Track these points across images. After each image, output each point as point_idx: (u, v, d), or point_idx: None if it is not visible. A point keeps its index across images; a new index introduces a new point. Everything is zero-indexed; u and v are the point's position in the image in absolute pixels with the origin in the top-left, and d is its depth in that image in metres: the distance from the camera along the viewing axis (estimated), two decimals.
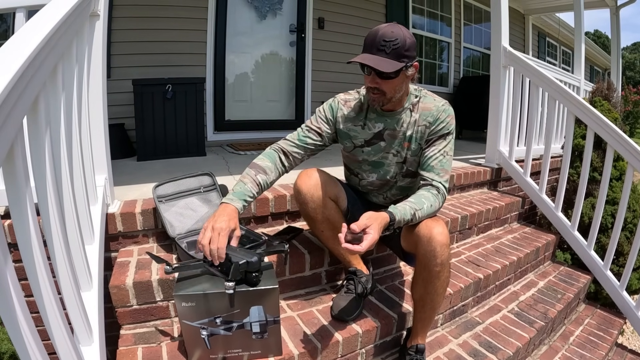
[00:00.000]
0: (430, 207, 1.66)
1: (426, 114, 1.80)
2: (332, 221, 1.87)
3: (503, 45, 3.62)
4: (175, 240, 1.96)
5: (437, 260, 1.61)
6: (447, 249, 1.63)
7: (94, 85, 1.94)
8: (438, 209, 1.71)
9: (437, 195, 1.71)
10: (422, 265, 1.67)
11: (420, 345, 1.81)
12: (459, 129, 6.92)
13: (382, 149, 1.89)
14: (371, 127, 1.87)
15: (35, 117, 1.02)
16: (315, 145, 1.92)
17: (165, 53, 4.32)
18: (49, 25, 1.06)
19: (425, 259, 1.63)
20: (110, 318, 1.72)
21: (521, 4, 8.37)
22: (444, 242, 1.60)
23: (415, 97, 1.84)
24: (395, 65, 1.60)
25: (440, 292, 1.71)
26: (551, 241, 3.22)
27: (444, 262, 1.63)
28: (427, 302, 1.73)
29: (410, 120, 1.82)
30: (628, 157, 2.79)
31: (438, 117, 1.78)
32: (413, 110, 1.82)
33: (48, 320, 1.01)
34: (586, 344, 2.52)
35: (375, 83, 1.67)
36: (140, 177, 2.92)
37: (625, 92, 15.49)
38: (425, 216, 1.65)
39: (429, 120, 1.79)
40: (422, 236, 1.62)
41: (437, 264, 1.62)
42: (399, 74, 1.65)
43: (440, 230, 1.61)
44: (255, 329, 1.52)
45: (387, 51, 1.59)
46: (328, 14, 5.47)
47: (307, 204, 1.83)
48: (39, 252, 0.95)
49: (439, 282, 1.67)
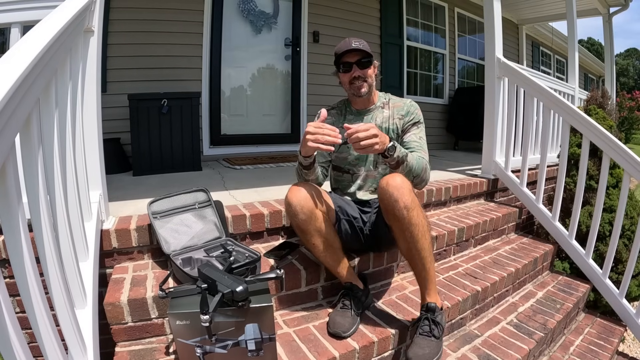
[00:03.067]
0: (420, 159, 1.92)
1: (398, 109, 2.16)
2: (323, 233, 1.89)
3: (497, 56, 3.65)
4: (170, 257, 1.94)
5: (400, 204, 1.71)
6: (408, 193, 1.73)
7: (89, 101, 1.94)
8: (426, 167, 1.95)
9: (423, 160, 1.96)
10: (390, 215, 1.78)
11: (431, 304, 1.84)
12: (455, 140, 6.95)
13: None
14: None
15: (28, 134, 1.02)
16: (325, 157, 2.21)
17: (161, 67, 4.34)
18: (41, 42, 1.06)
19: (390, 205, 1.74)
20: (105, 335, 1.70)
21: (514, 15, 8.44)
22: (399, 185, 1.73)
23: (384, 98, 2.23)
24: (370, 52, 2.03)
25: (421, 238, 1.78)
26: (549, 251, 3.21)
27: (408, 206, 1.71)
28: (414, 254, 1.82)
29: (385, 116, 2.17)
30: (624, 164, 2.79)
31: (409, 110, 2.15)
32: (385, 108, 2.19)
33: (41, 337, 1.00)
34: (587, 354, 2.50)
35: (357, 72, 2.04)
36: (136, 192, 2.90)
37: (620, 99, 15.58)
38: (416, 164, 1.87)
39: (401, 113, 2.15)
40: (380, 185, 1.79)
41: (401, 208, 1.71)
42: (372, 63, 2.08)
43: (397, 178, 1.76)
44: (251, 346, 1.50)
45: (360, 46, 2.00)
46: (323, 28, 5.52)
47: (297, 215, 1.83)
48: (31, 269, 0.94)
49: (413, 227, 1.75)
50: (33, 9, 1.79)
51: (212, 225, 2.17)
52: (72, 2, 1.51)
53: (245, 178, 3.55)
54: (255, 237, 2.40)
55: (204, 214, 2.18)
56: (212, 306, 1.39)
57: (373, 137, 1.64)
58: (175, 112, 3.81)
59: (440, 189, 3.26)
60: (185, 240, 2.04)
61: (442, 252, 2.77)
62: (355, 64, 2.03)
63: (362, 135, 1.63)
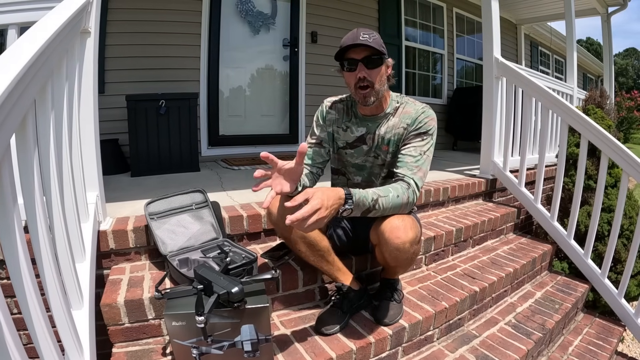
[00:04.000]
0: (396, 198, 1.67)
1: (405, 117, 1.86)
2: (308, 239, 1.82)
3: (495, 56, 3.65)
4: (167, 258, 1.94)
5: (405, 255, 1.74)
6: (415, 245, 1.74)
7: (85, 102, 1.94)
8: (407, 202, 1.71)
9: (406, 188, 1.72)
10: (390, 259, 1.78)
11: (392, 280, 2.06)
12: (454, 140, 6.95)
13: (364, 152, 1.97)
14: (354, 131, 1.96)
15: (24, 135, 1.01)
16: (323, 158, 2.03)
17: (159, 68, 4.34)
18: (37, 43, 1.06)
19: (392, 256, 1.75)
20: (103, 336, 1.70)
21: (513, 15, 8.44)
22: (407, 240, 1.67)
23: (397, 103, 1.92)
24: (381, 49, 1.71)
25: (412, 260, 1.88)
26: (548, 251, 3.21)
27: (413, 256, 1.81)
28: (397, 270, 2.01)
29: (390, 124, 1.89)
30: (622, 164, 2.79)
31: (416, 119, 1.84)
32: (394, 115, 1.90)
33: (37, 338, 1.00)
34: (586, 354, 2.49)
35: (363, 73, 1.72)
36: (134, 193, 2.90)
37: (619, 99, 15.58)
38: (390, 206, 1.66)
39: (407, 122, 1.85)
40: (387, 240, 1.69)
41: (406, 259, 1.79)
42: (383, 61, 1.76)
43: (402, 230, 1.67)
44: (247, 347, 1.49)
45: (370, 40, 1.68)
46: (321, 28, 5.52)
47: (278, 224, 1.81)
48: (27, 270, 0.95)
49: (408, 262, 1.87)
50: (30, 10, 1.79)
51: (209, 226, 2.17)
52: (68, 3, 1.51)
53: (243, 179, 3.55)
54: (252, 238, 2.40)
55: (201, 215, 2.18)
56: (207, 307, 1.39)
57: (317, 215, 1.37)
58: (173, 113, 3.81)
59: (438, 189, 3.26)
60: (182, 241, 2.04)
61: (440, 252, 2.76)
62: (361, 61, 1.71)
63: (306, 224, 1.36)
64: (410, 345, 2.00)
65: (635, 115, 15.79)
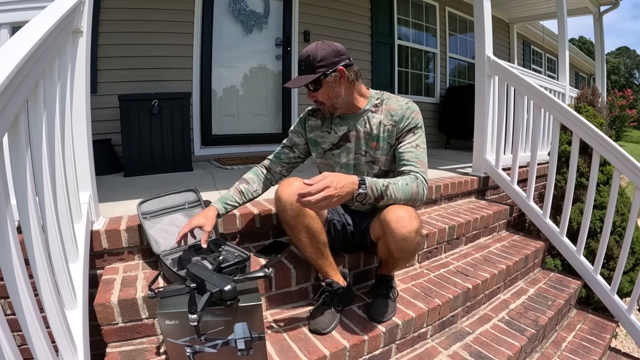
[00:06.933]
0: (405, 186, 1.78)
1: (392, 114, 1.94)
2: (310, 230, 1.85)
3: (487, 54, 3.66)
4: (160, 257, 1.94)
5: (411, 245, 1.76)
6: (419, 235, 1.76)
7: (78, 102, 1.93)
8: (417, 192, 1.81)
9: (414, 179, 1.82)
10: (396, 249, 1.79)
11: (387, 276, 2.09)
12: (446, 139, 6.97)
13: (350, 150, 2.04)
14: (337, 131, 2.04)
15: (16, 135, 1.01)
16: (289, 159, 2.20)
17: (151, 68, 4.32)
18: (29, 43, 1.05)
19: (398, 247, 1.76)
20: (97, 336, 1.70)
21: (505, 13, 8.48)
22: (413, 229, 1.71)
23: (377, 99, 2.00)
24: (309, 77, 1.81)
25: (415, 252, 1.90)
26: (540, 248, 3.23)
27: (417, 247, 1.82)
28: (398, 264, 2.03)
29: (375, 121, 1.97)
30: (614, 161, 2.82)
31: (403, 115, 1.92)
32: (376, 112, 1.98)
33: (31, 339, 1.00)
34: (579, 350, 2.51)
35: (311, 97, 1.92)
36: (127, 193, 2.89)
37: (611, 97, 15.66)
38: (401, 194, 1.76)
39: (394, 119, 1.93)
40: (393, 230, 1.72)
41: (411, 249, 1.80)
42: (320, 83, 1.84)
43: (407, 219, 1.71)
44: (241, 345, 1.50)
45: (303, 68, 1.83)
46: (314, 27, 5.52)
47: (287, 211, 1.82)
48: (20, 270, 0.94)
49: (412, 253, 1.87)
50: (22, 9, 1.78)
51: None
52: (60, 3, 1.51)
53: (236, 178, 3.48)
54: (245, 236, 2.40)
55: (194, 214, 2.17)
56: (200, 305, 1.39)
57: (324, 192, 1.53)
58: (166, 113, 3.80)
59: (431, 187, 3.26)
60: (175, 241, 2.04)
61: (433, 250, 2.78)
62: (305, 86, 1.88)
63: (314, 199, 1.52)
64: (403, 343, 2.01)
65: (628, 113, 15.91)
